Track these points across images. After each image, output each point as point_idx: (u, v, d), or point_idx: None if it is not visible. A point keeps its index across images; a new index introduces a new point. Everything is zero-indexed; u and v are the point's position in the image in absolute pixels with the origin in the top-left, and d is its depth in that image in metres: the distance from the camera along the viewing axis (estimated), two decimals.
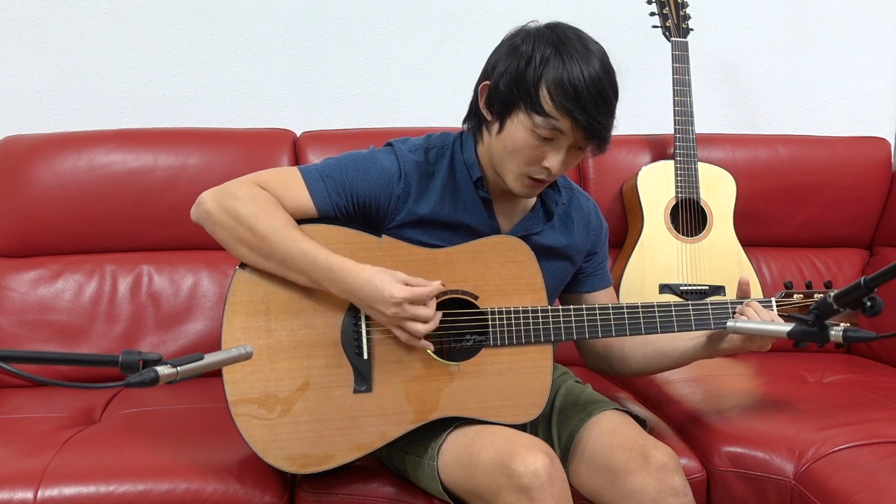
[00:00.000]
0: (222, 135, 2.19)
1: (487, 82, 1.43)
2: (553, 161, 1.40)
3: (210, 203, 1.43)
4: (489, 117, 1.45)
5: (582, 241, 1.62)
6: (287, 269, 1.42)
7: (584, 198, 1.66)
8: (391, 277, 1.39)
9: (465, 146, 1.53)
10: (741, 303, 1.54)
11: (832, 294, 1.29)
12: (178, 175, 2.09)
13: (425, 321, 1.40)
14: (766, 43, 2.57)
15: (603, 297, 1.68)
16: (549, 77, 1.35)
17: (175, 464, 1.48)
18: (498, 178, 1.50)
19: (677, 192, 2.16)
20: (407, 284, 1.39)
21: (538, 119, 1.37)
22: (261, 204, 1.42)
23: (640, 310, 1.53)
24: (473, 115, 1.50)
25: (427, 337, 1.45)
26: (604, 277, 1.69)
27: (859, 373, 2.04)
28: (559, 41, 1.37)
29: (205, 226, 1.46)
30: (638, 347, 1.62)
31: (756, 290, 2.14)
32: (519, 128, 1.39)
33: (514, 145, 1.40)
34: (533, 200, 1.59)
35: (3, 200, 2.05)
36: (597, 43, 1.41)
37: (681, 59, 2.20)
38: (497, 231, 1.54)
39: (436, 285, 1.41)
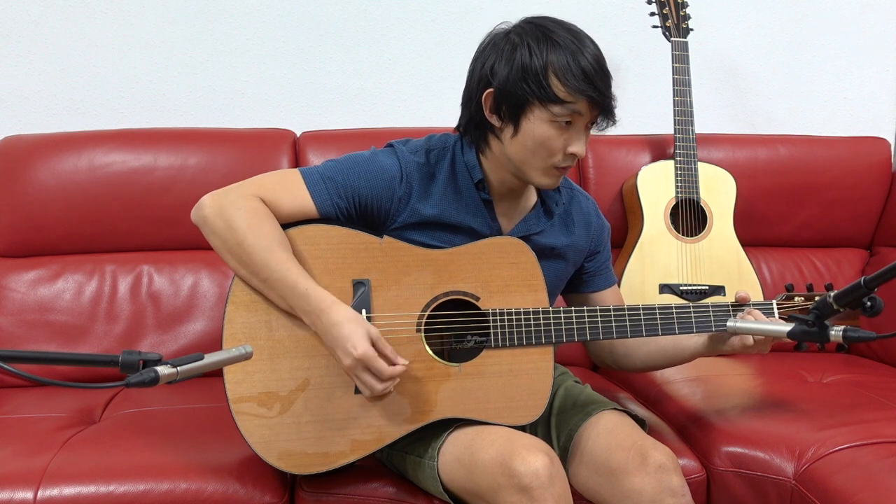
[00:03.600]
0: (222, 135, 2.19)
1: (490, 90, 1.43)
2: (578, 146, 1.43)
3: (209, 208, 1.42)
4: (499, 123, 1.44)
5: (582, 241, 1.63)
6: (269, 290, 1.41)
7: (583, 197, 1.66)
8: (363, 331, 1.35)
9: (465, 148, 1.52)
10: (742, 309, 1.54)
11: (832, 294, 1.29)
12: (178, 175, 2.09)
13: (372, 391, 1.37)
14: (766, 43, 2.57)
15: (609, 295, 1.68)
16: (555, 66, 1.38)
17: (175, 464, 1.48)
18: (505, 177, 1.50)
19: (677, 192, 2.16)
20: (375, 345, 1.35)
21: (556, 108, 1.39)
22: (253, 219, 1.40)
23: (640, 312, 1.53)
24: (474, 126, 1.49)
25: (427, 337, 1.45)
26: (608, 277, 1.69)
27: (859, 373, 2.04)
28: (548, 31, 1.40)
29: (202, 230, 1.45)
30: (641, 345, 1.63)
31: (756, 293, 2.14)
32: (537, 122, 1.40)
33: (535, 141, 1.41)
34: (534, 200, 1.59)
35: (3, 200, 2.05)
36: (573, 24, 1.44)
37: (681, 59, 2.21)
38: (498, 232, 1.54)
39: (399, 368, 1.36)
